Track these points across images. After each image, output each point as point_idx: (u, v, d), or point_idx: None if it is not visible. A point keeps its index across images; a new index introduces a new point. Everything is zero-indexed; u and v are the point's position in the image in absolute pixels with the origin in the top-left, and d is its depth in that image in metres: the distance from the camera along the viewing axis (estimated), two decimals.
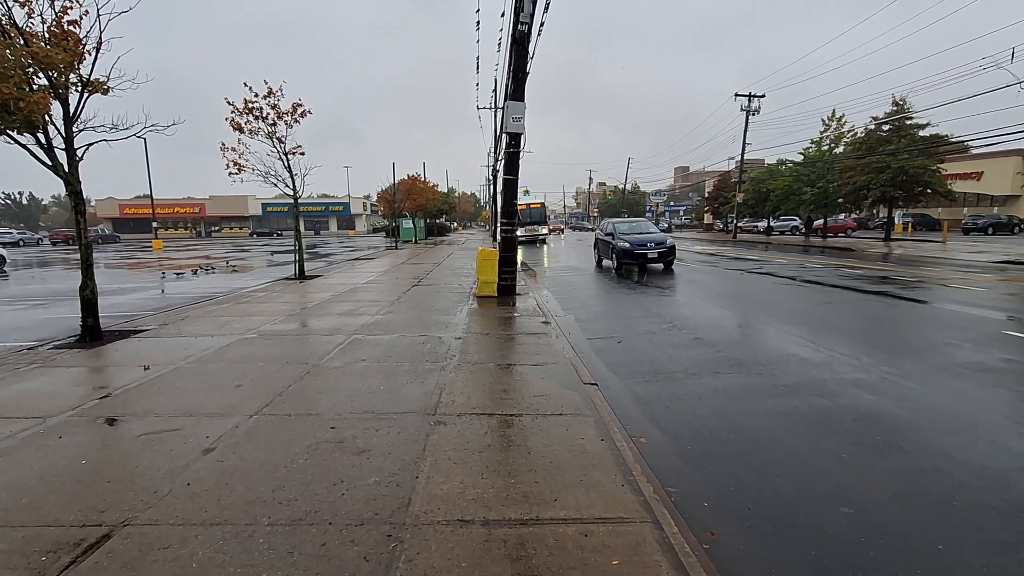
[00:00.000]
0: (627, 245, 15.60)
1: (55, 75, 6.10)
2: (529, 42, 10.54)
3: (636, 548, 2.58)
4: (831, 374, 5.52)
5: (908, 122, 28.61)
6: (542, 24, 10.50)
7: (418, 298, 10.78)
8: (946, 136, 28.36)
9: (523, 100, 10.69)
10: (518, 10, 10.02)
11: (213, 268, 19.53)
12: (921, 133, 28.35)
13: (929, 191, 29.00)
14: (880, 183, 27.85)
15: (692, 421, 4.44)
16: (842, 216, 44.27)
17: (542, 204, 40.30)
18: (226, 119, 12.61)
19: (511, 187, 11.23)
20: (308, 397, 4.72)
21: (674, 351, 6.64)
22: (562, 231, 64.02)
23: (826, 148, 34.68)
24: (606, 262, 17.99)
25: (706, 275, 14.94)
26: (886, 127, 29.51)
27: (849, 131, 33.41)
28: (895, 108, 28.92)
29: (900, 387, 5.08)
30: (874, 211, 48.08)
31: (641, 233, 16.81)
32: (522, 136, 10.92)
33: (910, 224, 41.23)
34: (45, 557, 2.51)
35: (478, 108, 35.10)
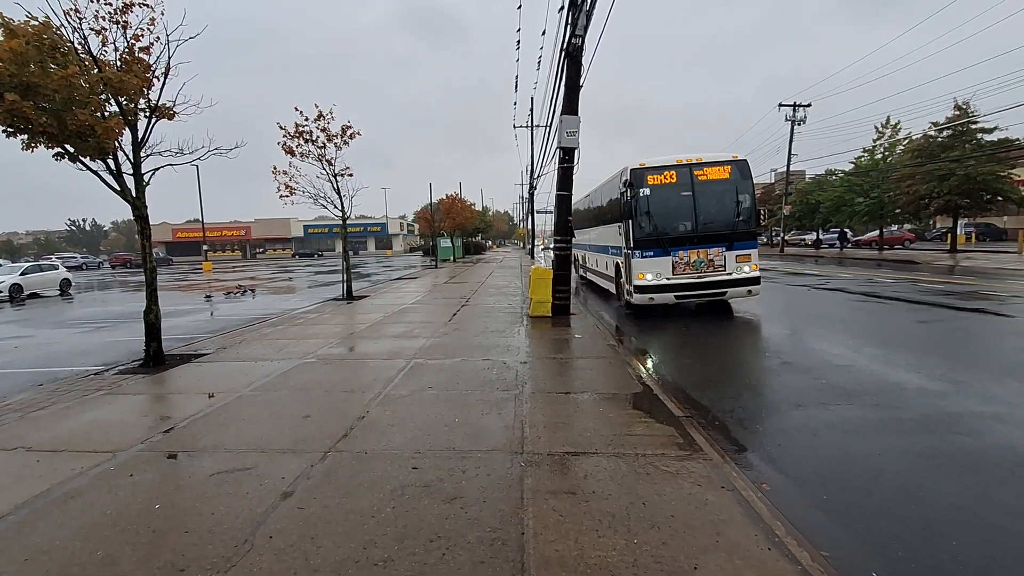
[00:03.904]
0: None
1: (126, 101, 6.13)
2: (582, 55, 10.29)
3: None
4: (962, 407, 4.84)
5: (973, 126, 26.95)
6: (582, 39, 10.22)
7: (470, 319, 10.47)
8: (1018, 140, 26.57)
9: (577, 114, 10.40)
10: (573, 24, 9.78)
11: (254, 290, 19.79)
12: (988, 137, 26.66)
13: (1000, 199, 27.16)
14: (944, 191, 26.26)
15: (814, 461, 3.88)
16: (895, 228, 42.08)
17: (736, 166, 10.32)
18: (278, 143, 12.80)
19: (564, 203, 10.88)
20: (381, 431, 4.39)
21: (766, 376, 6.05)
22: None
23: (880, 156, 33.13)
24: None
25: (774, 292, 14.13)
26: (946, 132, 27.89)
27: (905, 138, 31.83)
28: (958, 112, 27.32)
29: None
30: (931, 221, 45.52)
31: None
32: (576, 151, 10.62)
33: (973, 234, 38.79)
34: None
35: (515, 127, 34.98)
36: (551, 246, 12.65)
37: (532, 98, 37.78)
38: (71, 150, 5.91)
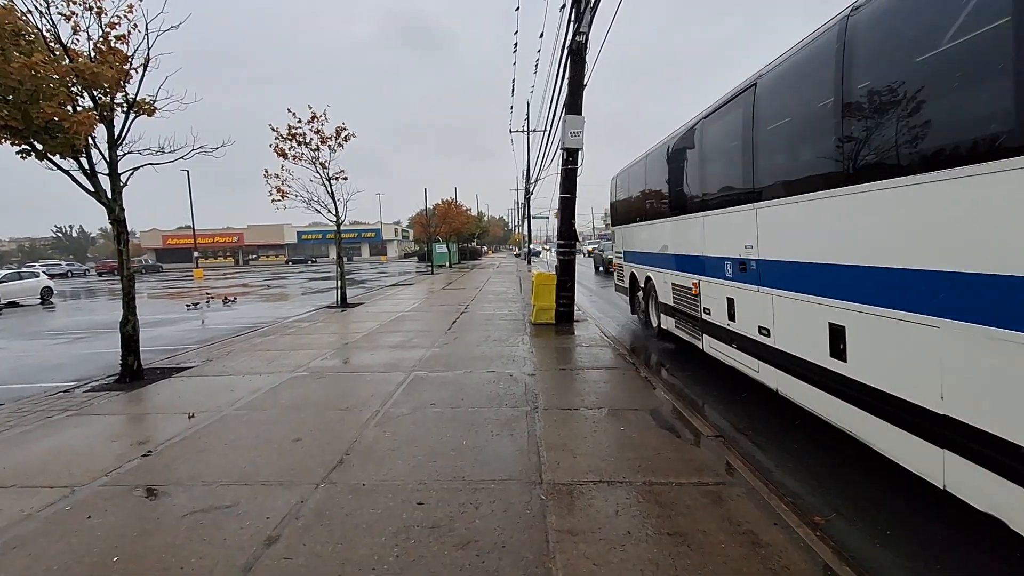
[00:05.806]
0: None
1: (100, 95, 5.65)
2: (586, 52, 9.90)
3: None
4: None
5: None
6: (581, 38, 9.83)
7: (470, 327, 10.00)
8: None
9: (581, 113, 10.00)
10: (578, 20, 9.40)
11: (226, 299, 18.59)
12: None
13: None
14: None
15: (863, 481, 3.44)
16: None
17: None
18: (270, 145, 12.32)
19: (568, 206, 10.48)
20: (380, 457, 3.91)
21: None
22: None
23: None
24: None
25: None
26: None
27: None
28: None
29: None
30: None
31: None
32: (580, 152, 10.22)
33: None
34: None
35: (511, 131, 34.65)
36: (550, 250, 12.23)
37: (528, 103, 37.61)
38: (38, 147, 5.42)
